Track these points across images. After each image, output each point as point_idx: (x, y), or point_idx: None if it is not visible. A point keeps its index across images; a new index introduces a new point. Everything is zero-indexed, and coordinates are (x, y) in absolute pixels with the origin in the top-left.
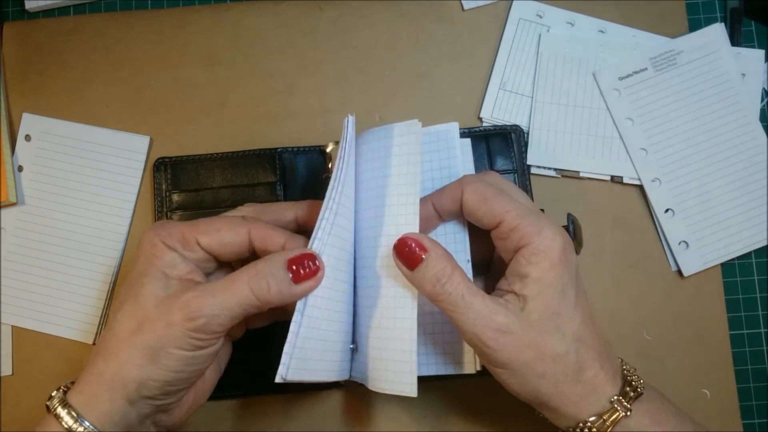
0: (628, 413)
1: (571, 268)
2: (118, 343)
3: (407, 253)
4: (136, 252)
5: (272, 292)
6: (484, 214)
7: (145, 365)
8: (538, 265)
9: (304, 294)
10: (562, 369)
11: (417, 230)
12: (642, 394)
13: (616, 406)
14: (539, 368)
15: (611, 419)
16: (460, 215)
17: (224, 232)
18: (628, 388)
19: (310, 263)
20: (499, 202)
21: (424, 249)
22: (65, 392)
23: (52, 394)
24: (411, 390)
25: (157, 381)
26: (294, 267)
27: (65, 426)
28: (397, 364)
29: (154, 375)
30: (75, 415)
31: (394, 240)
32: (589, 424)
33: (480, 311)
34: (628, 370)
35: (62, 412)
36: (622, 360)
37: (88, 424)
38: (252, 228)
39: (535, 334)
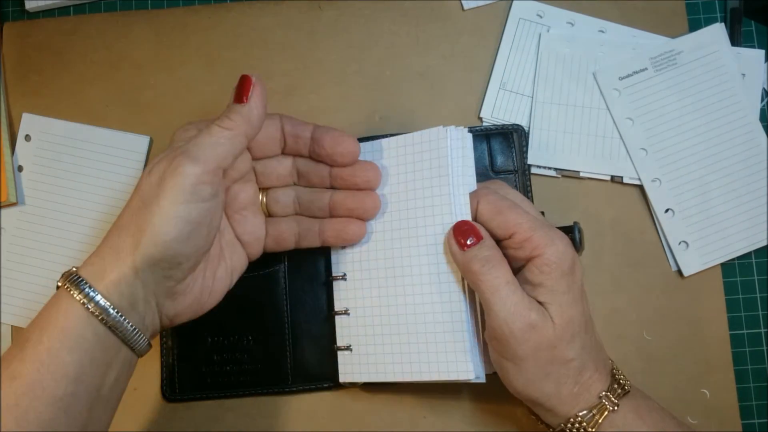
0: (615, 408)
1: (579, 278)
2: (131, 215)
3: (464, 233)
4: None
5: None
6: (498, 225)
7: (151, 222)
8: (550, 275)
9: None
10: (566, 372)
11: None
12: (629, 392)
13: (604, 401)
14: (548, 369)
15: (600, 413)
16: None
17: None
18: (615, 386)
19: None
20: (512, 214)
21: (479, 236)
22: (77, 269)
23: (63, 272)
24: (467, 374)
25: (163, 237)
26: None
27: (77, 299)
28: (451, 354)
29: (161, 228)
30: (86, 288)
31: (444, 229)
32: (579, 418)
33: (518, 301)
34: (617, 370)
35: (72, 286)
36: (612, 361)
37: (99, 298)
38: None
39: (555, 339)
